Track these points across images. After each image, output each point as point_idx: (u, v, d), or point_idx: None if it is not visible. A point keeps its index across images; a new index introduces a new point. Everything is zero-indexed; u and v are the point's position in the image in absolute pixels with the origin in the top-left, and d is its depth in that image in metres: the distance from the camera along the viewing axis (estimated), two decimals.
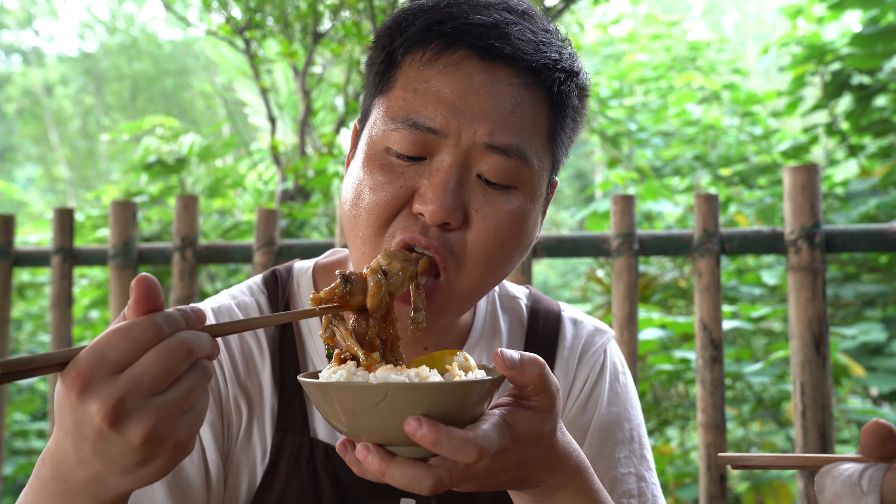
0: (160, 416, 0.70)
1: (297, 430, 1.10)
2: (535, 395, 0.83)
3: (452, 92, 0.97)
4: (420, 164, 0.99)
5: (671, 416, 4.11)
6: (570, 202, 13.78)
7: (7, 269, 2.64)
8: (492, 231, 0.98)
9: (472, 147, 0.97)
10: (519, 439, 0.82)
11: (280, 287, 1.18)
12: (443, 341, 1.17)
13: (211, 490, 1.06)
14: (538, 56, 0.99)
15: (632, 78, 7.10)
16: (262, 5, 4.64)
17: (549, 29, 1.05)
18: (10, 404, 4.29)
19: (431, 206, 0.95)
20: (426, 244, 0.97)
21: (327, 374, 0.83)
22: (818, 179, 2.05)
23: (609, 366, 1.21)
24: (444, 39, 0.98)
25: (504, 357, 0.81)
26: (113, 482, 0.73)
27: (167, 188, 5.00)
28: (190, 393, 0.72)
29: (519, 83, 0.99)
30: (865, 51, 4.22)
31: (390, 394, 0.75)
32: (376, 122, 1.02)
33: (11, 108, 19.45)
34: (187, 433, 0.72)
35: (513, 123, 0.98)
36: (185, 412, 0.72)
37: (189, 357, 0.72)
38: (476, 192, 0.99)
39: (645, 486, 1.14)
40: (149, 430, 0.69)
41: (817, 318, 2.01)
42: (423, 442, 0.74)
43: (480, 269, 1.00)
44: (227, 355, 1.11)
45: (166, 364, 0.70)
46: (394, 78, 1.02)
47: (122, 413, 0.68)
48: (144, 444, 0.69)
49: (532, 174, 1.01)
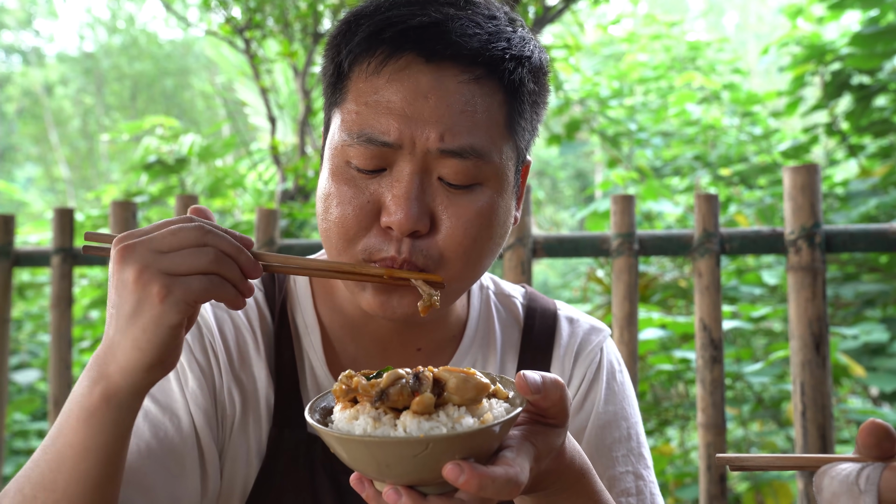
0: (153, 263, 0.82)
1: (295, 426, 1.10)
2: (555, 415, 0.84)
3: (401, 100, 0.97)
4: (381, 176, 0.99)
5: (671, 416, 4.11)
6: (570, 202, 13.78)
7: (7, 269, 2.64)
8: (461, 229, 0.99)
9: (427, 153, 0.97)
10: (540, 457, 0.83)
11: (277, 285, 1.19)
12: (437, 340, 1.17)
13: (207, 477, 1.06)
14: (484, 49, 0.98)
15: (632, 78, 7.10)
16: (262, 5, 4.64)
17: (497, 15, 1.03)
18: (10, 404, 4.29)
19: (397, 217, 0.96)
20: (401, 261, 0.98)
21: (343, 418, 0.80)
22: (818, 179, 2.05)
23: (606, 364, 1.20)
24: (387, 46, 0.98)
25: (528, 381, 0.81)
26: (118, 348, 0.84)
27: (167, 188, 5.01)
28: (189, 261, 0.83)
29: (468, 79, 0.98)
30: (865, 51, 4.22)
31: (431, 446, 0.74)
32: (335, 135, 1.02)
33: (11, 108, 19.45)
34: (173, 291, 0.82)
35: (464, 123, 0.97)
36: (180, 276, 0.83)
37: (200, 238, 0.84)
38: (440, 194, 0.99)
39: (643, 485, 1.14)
40: (138, 270, 0.82)
41: (817, 318, 2.01)
42: (466, 488, 0.74)
43: (459, 264, 1.01)
44: (223, 346, 1.11)
45: (178, 234, 0.84)
46: (345, 89, 1.02)
47: (126, 255, 0.83)
48: (136, 282, 0.82)
49: (494, 168, 1.00)
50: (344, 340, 1.16)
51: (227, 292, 0.86)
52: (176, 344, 0.85)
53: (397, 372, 0.80)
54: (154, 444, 1.02)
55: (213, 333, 1.11)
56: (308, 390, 1.14)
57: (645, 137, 5.96)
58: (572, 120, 5.90)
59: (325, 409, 0.85)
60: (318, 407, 0.85)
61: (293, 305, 1.18)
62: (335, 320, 1.16)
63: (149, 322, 0.82)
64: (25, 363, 4.90)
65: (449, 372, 0.80)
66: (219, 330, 1.11)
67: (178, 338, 0.85)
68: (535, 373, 0.82)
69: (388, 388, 0.78)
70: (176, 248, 0.83)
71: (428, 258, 0.99)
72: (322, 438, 0.80)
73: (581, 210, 5.50)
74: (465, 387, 0.79)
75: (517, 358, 1.20)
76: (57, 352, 2.57)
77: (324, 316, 1.17)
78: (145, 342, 0.82)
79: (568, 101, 5.92)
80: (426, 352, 1.16)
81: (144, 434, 1.02)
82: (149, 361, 0.83)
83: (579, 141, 6.25)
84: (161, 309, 0.81)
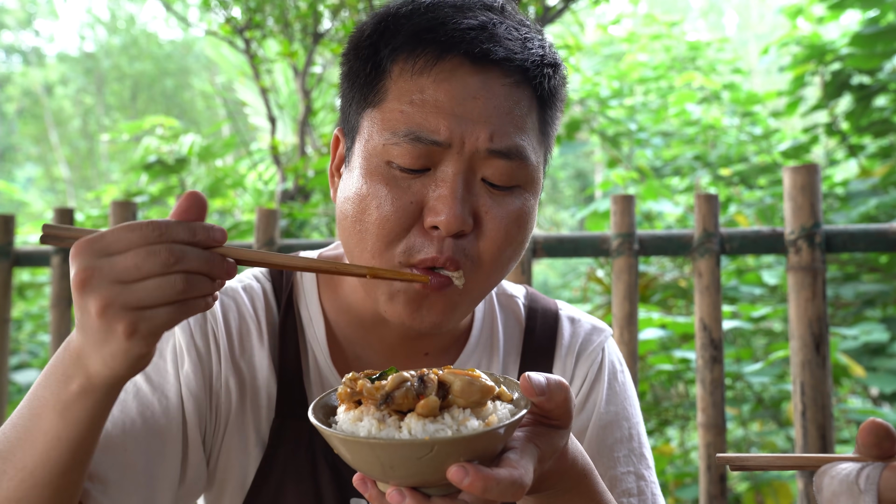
0: (116, 298, 0.76)
1: (297, 416, 1.10)
2: (558, 417, 0.84)
3: (450, 100, 0.97)
4: (424, 176, 0.98)
5: (671, 416, 4.11)
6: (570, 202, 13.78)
7: (7, 269, 2.64)
8: (503, 231, 1.00)
9: (475, 153, 0.97)
10: (543, 458, 0.83)
11: (284, 276, 1.19)
12: (442, 343, 1.17)
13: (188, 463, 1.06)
14: (526, 54, 1.00)
15: (632, 78, 7.10)
16: (262, 5, 4.64)
17: (527, 22, 1.05)
18: (10, 404, 4.29)
19: (444, 217, 0.95)
20: (443, 261, 0.97)
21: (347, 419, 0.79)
22: (818, 179, 2.05)
23: (607, 364, 1.20)
24: (434, 47, 0.98)
25: (533, 383, 0.81)
26: (91, 357, 0.80)
27: (167, 188, 5.01)
28: (155, 294, 0.77)
29: (511, 82, 0.99)
30: (865, 51, 4.22)
31: (436, 448, 0.74)
32: (372, 136, 1.00)
33: (11, 108, 19.45)
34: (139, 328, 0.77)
35: (511, 124, 0.98)
36: (146, 309, 0.77)
37: (168, 264, 0.77)
38: (483, 195, 0.99)
39: (644, 485, 1.14)
40: (101, 306, 0.76)
41: (817, 318, 2.01)
42: (471, 490, 0.74)
43: (492, 268, 1.01)
44: (225, 334, 1.11)
45: (141, 262, 0.76)
46: (384, 89, 1.00)
47: (86, 283, 0.76)
48: (100, 317, 0.76)
49: (532, 171, 1.02)
50: (350, 339, 1.16)
51: (196, 309, 0.82)
52: (149, 357, 0.83)
53: (402, 375, 0.79)
54: (139, 422, 1.01)
55: (216, 319, 1.11)
56: (311, 382, 1.14)
57: (645, 137, 5.96)
58: (572, 120, 5.90)
59: (329, 409, 0.85)
60: (321, 405, 0.85)
61: (299, 297, 1.18)
62: (341, 318, 1.16)
63: (116, 351, 0.79)
64: (25, 363, 4.90)
65: (454, 374, 0.80)
66: (223, 316, 1.11)
67: (150, 355, 0.82)
68: (539, 374, 0.82)
69: (394, 392, 0.78)
70: (140, 279, 0.77)
71: (468, 257, 0.99)
72: (326, 439, 0.79)
73: (581, 210, 5.49)
74: (471, 389, 0.78)
75: (519, 359, 1.20)
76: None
77: (329, 310, 1.17)
78: (114, 363, 0.80)
79: (568, 101, 5.92)
80: (433, 356, 1.16)
81: (131, 411, 1.02)
82: (121, 375, 0.82)
83: (579, 141, 6.25)
84: (128, 344, 0.78)
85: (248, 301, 1.15)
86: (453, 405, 0.78)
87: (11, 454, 0.88)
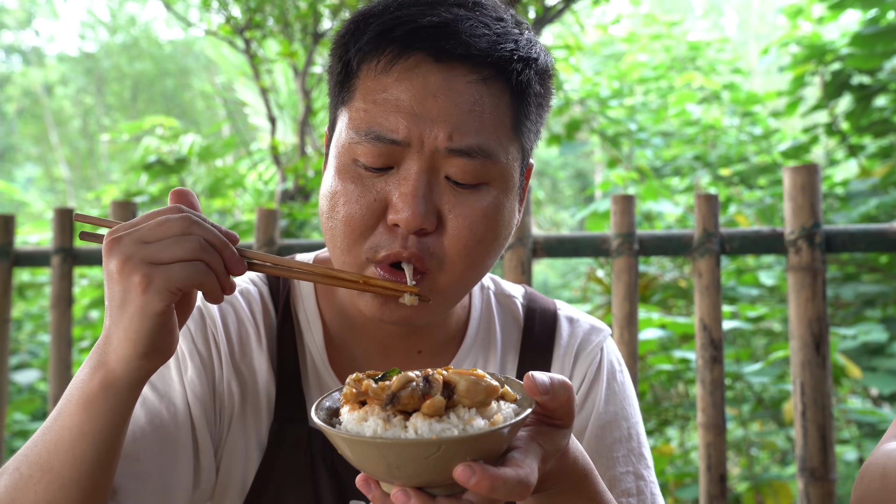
0: (136, 254, 0.83)
1: (296, 420, 1.10)
2: (561, 417, 0.84)
3: (410, 98, 0.97)
4: (388, 174, 0.99)
5: (671, 416, 4.10)
6: (570, 202, 13.78)
7: (7, 269, 2.64)
8: (467, 229, 0.99)
9: (435, 152, 0.97)
10: (546, 457, 0.83)
11: (281, 279, 1.19)
12: (438, 342, 1.17)
13: (200, 468, 1.06)
14: (493, 50, 0.99)
15: (632, 78, 7.09)
16: (262, 5, 4.64)
17: (504, 17, 1.04)
18: (10, 404, 4.29)
19: (404, 215, 0.96)
20: (407, 255, 0.98)
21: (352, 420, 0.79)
22: (818, 179, 2.05)
23: (606, 364, 1.20)
24: (396, 45, 0.98)
25: (537, 383, 0.81)
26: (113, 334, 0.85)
27: (167, 188, 5.00)
28: (171, 249, 0.84)
29: (476, 79, 0.99)
30: (865, 51, 4.22)
31: (443, 448, 0.73)
32: (342, 133, 1.02)
33: (11, 108, 19.44)
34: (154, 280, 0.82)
35: (472, 123, 0.98)
36: (161, 265, 0.83)
37: (185, 227, 0.85)
38: (447, 193, 0.99)
39: (643, 485, 1.14)
40: (121, 261, 0.83)
41: (817, 318, 2.01)
42: (478, 489, 0.74)
43: (461, 266, 1.01)
44: (225, 337, 1.11)
45: (163, 225, 0.85)
46: (353, 87, 1.02)
47: (113, 247, 0.84)
48: (119, 273, 0.83)
49: (500, 168, 1.01)
50: (346, 340, 1.16)
51: (209, 281, 0.86)
52: (166, 331, 0.86)
53: (407, 375, 0.79)
54: (149, 430, 1.02)
55: (215, 324, 1.11)
56: (309, 385, 1.14)
57: (645, 137, 5.96)
58: (572, 120, 5.89)
59: (330, 409, 0.85)
60: (323, 406, 0.84)
61: (296, 300, 1.18)
62: (336, 320, 1.16)
63: (135, 312, 0.83)
64: (25, 363, 4.90)
65: (459, 375, 0.80)
66: (222, 321, 1.12)
67: (168, 325, 0.85)
68: (543, 374, 0.82)
69: (399, 391, 0.78)
70: (160, 238, 0.84)
71: (432, 256, 0.99)
72: (329, 439, 0.79)
73: (581, 210, 5.49)
74: (476, 389, 0.79)
75: (517, 358, 1.20)
76: (57, 352, 2.57)
77: (326, 313, 1.17)
78: (134, 332, 0.83)
79: (568, 101, 5.92)
80: (427, 354, 1.16)
81: (140, 420, 1.02)
82: (141, 350, 0.84)
83: (579, 141, 6.25)
84: (144, 298, 0.82)
85: (245, 305, 1.15)
86: (458, 405, 0.78)
87: (38, 456, 0.89)
